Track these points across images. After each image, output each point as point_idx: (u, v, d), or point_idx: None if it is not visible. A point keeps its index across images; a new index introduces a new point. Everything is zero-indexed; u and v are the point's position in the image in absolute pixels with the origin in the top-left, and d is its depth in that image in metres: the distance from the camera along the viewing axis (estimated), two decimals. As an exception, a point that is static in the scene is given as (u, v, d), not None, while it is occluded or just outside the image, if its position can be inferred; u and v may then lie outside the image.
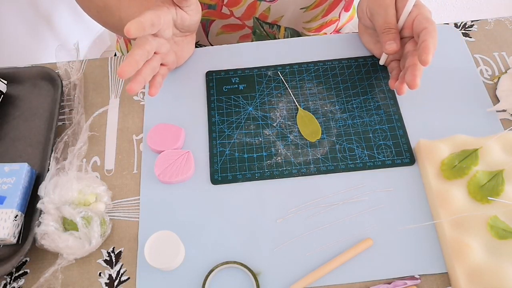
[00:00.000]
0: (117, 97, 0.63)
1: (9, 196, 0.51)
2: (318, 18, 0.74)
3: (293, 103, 0.60)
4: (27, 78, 0.63)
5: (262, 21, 0.72)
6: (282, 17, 0.72)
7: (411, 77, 0.52)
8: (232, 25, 0.72)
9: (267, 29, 0.74)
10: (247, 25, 0.72)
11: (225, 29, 0.73)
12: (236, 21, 0.71)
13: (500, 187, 0.50)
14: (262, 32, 0.74)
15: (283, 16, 0.72)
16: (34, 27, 1.35)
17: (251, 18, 0.71)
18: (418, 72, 0.51)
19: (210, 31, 0.74)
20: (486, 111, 0.58)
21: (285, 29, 0.75)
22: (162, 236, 0.49)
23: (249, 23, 0.72)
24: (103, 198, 0.54)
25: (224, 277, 0.50)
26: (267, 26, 0.73)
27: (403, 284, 0.47)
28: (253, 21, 0.72)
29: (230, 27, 0.73)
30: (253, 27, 0.73)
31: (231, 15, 0.70)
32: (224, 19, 0.71)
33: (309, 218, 0.52)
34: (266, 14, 0.71)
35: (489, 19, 0.67)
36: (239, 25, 0.72)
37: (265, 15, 0.71)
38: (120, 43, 0.88)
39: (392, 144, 0.57)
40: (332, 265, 0.49)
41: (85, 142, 0.58)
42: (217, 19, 0.71)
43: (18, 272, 0.51)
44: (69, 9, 1.47)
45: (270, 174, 0.55)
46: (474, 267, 0.46)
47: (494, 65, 0.63)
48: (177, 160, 0.55)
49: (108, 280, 0.50)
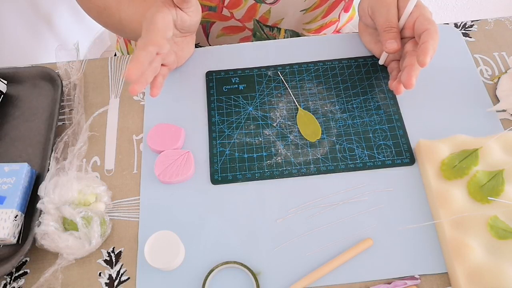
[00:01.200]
0: (117, 97, 0.63)
1: (9, 196, 0.51)
2: (318, 19, 0.74)
3: (293, 103, 0.60)
4: (27, 78, 0.63)
5: (263, 23, 0.72)
6: (282, 20, 0.72)
7: (406, 76, 0.52)
8: (232, 27, 0.72)
9: (267, 32, 0.74)
10: (247, 27, 0.72)
11: (226, 31, 0.73)
12: (237, 23, 0.71)
13: (500, 187, 0.50)
14: (262, 35, 0.74)
15: (283, 19, 0.72)
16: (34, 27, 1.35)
17: (251, 20, 0.71)
18: (414, 72, 0.52)
19: (211, 33, 0.74)
20: (486, 111, 0.58)
21: (285, 31, 0.75)
22: (162, 236, 0.49)
23: (250, 25, 0.72)
24: (103, 198, 0.54)
25: (224, 277, 0.50)
26: (268, 29, 0.73)
27: (403, 284, 0.47)
28: (254, 23, 0.72)
29: (230, 29, 0.73)
30: (254, 30, 0.73)
31: (231, 17, 0.70)
32: (224, 21, 0.71)
33: (309, 218, 0.52)
34: (266, 17, 0.71)
35: (489, 19, 0.67)
36: (240, 27, 0.72)
37: (266, 18, 0.71)
38: (120, 43, 0.88)
39: (392, 144, 0.57)
40: (332, 265, 0.49)
41: (85, 142, 0.58)
42: (218, 21, 0.71)
43: (18, 272, 0.51)
44: (69, 9, 1.47)
45: (270, 174, 0.55)
46: (474, 267, 0.46)
47: (494, 65, 0.63)
48: (177, 160, 0.55)
49: (108, 280, 0.50)
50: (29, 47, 1.35)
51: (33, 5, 1.32)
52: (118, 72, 0.65)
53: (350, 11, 0.80)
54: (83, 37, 1.59)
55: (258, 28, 0.73)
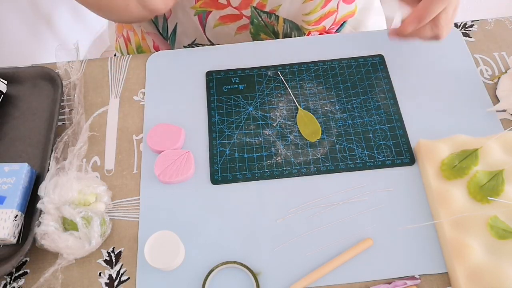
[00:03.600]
0: (117, 97, 0.63)
1: (9, 196, 0.51)
2: (317, 9, 0.74)
3: (293, 103, 0.60)
4: (27, 78, 0.63)
5: (260, 10, 0.72)
6: (280, 6, 0.72)
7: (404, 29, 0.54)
8: (229, 15, 0.72)
9: (265, 18, 0.74)
10: (244, 15, 0.72)
11: (223, 20, 0.73)
12: (234, 11, 0.71)
13: (500, 187, 0.50)
14: (260, 22, 0.74)
15: (281, 6, 0.72)
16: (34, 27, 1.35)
17: (248, 7, 0.71)
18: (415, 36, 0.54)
19: (207, 23, 0.73)
20: (486, 111, 0.58)
21: (284, 21, 0.75)
22: (162, 236, 0.49)
23: (247, 13, 0.72)
24: (103, 198, 0.54)
25: (224, 277, 0.50)
26: (265, 16, 0.73)
27: (403, 284, 0.47)
28: (251, 10, 0.71)
29: (227, 18, 0.72)
30: (251, 17, 0.73)
31: (228, 4, 0.69)
32: (221, 9, 0.70)
33: (309, 218, 0.52)
34: (263, 3, 0.70)
35: (489, 19, 0.67)
36: (237, 15, 0.72)
37: (263, 4, 0.70)
38: (120, 43, 0.88)
39: (392, 144, 0.57)
40: (332, 265, 0.49)
41: (85, 142, 0.58)
42: (214, 10, 0.70)
43: (18, 272, 0.51)
44: (69, 9, 1.47)
45: (270, 174, 0.55)
46: (474, 267, 0.46)
47: (494, 65, 0.63)
48: (177, 160, 0.55)
49: (108, 280, 0.50)
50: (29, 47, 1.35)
51: (33, 5, 1.32)
52: (118, 72, 0.65)
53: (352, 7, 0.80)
54: (83, 37, 1.59)
55: (255, 15, 0.72)
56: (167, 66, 0.65)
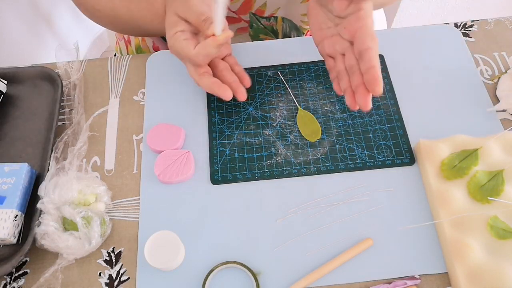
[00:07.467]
0: (117, 97, 0.63)
1: (9, 196, 0.51)
2: None
3: (293, 103, 0.60)
4: (27, 78, 0.63)
5: (259, 16, 0.72)
6: (278, 9, 0.72)
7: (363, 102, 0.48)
8: (228, 18, 0.72)
9: (264, 22, 0.74)
10: (243, 19, 0.72)
11: None
12: (232, 14, 0.71)
13: (500, 187, 0.50)
14: (259, 26, 0.74)
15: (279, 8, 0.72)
16: (34, 27, 1.35)
17: (247, 13, 0.71)
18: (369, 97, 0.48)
19: None
20: (486, 111, 0.58)
21: (283, 20, 0.75)
22: (162, 236, 0.49)
23: (246, 18, 0.72)
24: (103, 198, 0.54)
25: (224, 277, 0.50)
26: (264, 20, 0.73)
27: (403, 284, 0.47)
28: (250, 16, 0.72)
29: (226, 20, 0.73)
30: (250, 21, 0.73)
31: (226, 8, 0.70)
32: None
33: (309, 218, 0.52)
34: (262, 9, 0.70)
35: (489, 19, 0.67)
36: (236, 18, 0.72)
37: (262, 10, 0.71)
38: (120, 45, 0.88)
39: (392, 144, 0.57)
40: (332, 265, 0.49)
41: (85, 142, 0.58)
42: None
43: (18, 272, 0.51)
44: (69, 9, 1.47)
45: (270, 174, 0.55)
46: (474, 267, 0.46)
47: (494, 65, 0.63)
48: (177, 160, 0.55)
49: (108, 280, 0.50)
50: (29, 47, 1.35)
51: (33, 5, 1.32)
52: (118, 72, 0.65)
53: None
54: (83, 37, 1.59)
55: (254, 20, 0.72)
56: (167, 66, 0.65)
